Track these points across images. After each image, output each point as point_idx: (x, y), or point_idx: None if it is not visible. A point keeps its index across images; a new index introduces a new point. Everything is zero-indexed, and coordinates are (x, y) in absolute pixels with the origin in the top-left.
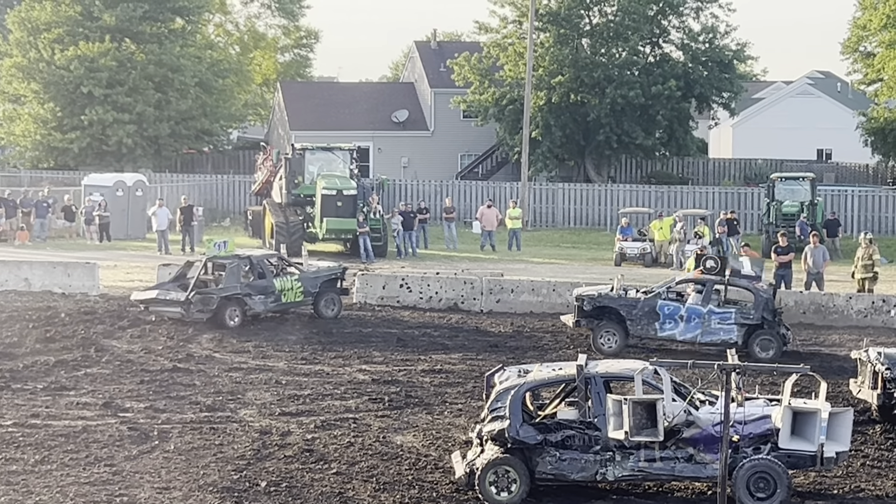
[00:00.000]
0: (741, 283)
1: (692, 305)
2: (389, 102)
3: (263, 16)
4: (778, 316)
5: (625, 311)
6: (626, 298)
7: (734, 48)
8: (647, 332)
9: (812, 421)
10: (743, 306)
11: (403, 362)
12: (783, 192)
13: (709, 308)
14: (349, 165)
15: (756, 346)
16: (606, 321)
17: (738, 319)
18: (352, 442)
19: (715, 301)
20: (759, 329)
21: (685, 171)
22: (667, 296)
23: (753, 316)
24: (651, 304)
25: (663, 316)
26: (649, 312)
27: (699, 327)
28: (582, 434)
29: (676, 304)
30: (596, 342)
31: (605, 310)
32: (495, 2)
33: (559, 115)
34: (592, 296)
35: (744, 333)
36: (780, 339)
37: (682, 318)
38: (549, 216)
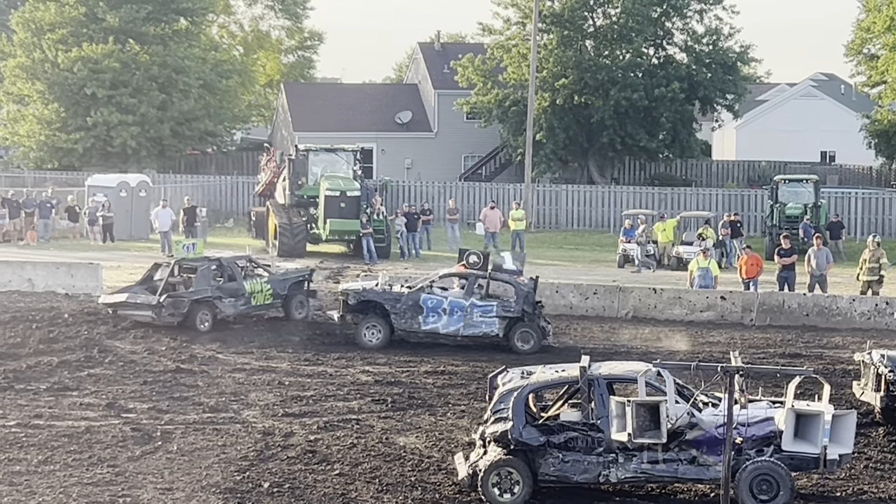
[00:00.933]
0: (502, 277)
1: (455, 299)
2: (393, 104)
3: (267, 17)
4: (538, 309)
5: (389, 306)
6: (389, 293)
7: (738, 50)
8: (412, 325)
9: (815, 423)
10: (505, 300)
11: (406, 363)
12: (786, 195)
13: (471, 301)
14: (353, 167)
15: (516, 339)
16: (370, 315)
17: (500, 312)
18: (355, 443)
19: (477, 294)
20: (520, 322)
21: (689, 173)
22: (430, 290)
23: (514, 309)
24: (415, 298)
25: (427, 309)
26: (413, 306)
27: (462, 320)
28: (585, 436)
29: (439, 298)
30: (359, 337)
31: (369, 304)
32: (499, 3)
33: (563, 116)
34: (357, 290)
35: (504, 326)
36: (539, 331)
37: (446, 312)
38: (553, 218)
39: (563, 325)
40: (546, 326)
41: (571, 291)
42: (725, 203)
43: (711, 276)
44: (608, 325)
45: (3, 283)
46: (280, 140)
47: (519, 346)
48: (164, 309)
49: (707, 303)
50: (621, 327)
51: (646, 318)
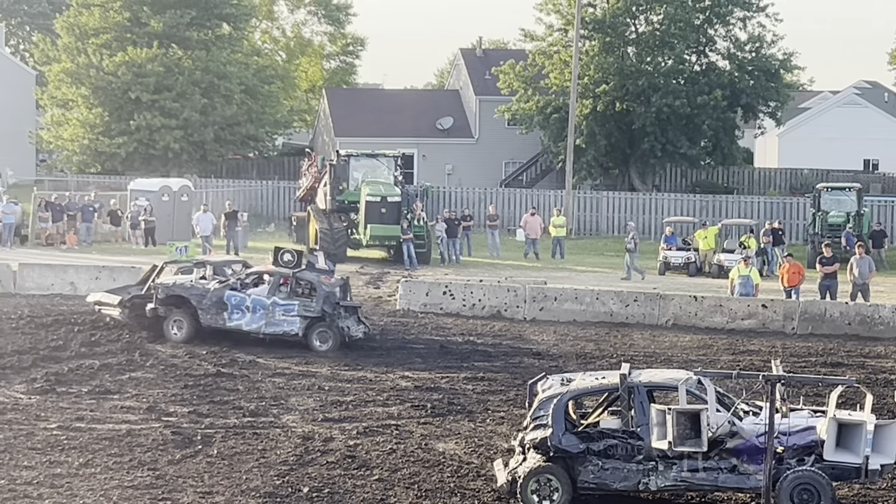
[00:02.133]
0: (307, 275)
1: (257, 297)
2: (434, 110)
3: (310, 23)
4: (338, 309)
5: (195, 301)
6: (196, 287)
7: (780, 58)
8: (217, 321)
9: (857, 433)
10: (307, 300)
11: (446, 369)
12: (829, 203)
13: (273, 300)
14: (393, 172)
15: (314, 338)
16: (178, 309)
17: (301, 312)
18: (394, 448)
19: (283, 294)
20: (320, 321)
21: (730, 180)
22: (237, 286)
23: (314, 309)
24: (219, 295)
25: (231, 306)
26: (217, 302)
27: (263, 318)
28: (625, 443)
29: (242, 295)
30: (165, 330)
31: (178, 298)
32: (541, 9)
33: (604, 123)
34: (167, 284)
35: (305, 326)
36: (338, 331)
37: (248, 309)
38: (593, 225)
39: (603, 332)
40: (346, 327)
41: (612, 298)
42: (767, 211)
43: (752, 284)
44: (648, 333)
45: (46, 287)
46: (321, 145)
47: (316, 346)
48: (129, 310)
49: (748, 311)
50: (661, 335)
51: (686, 325)
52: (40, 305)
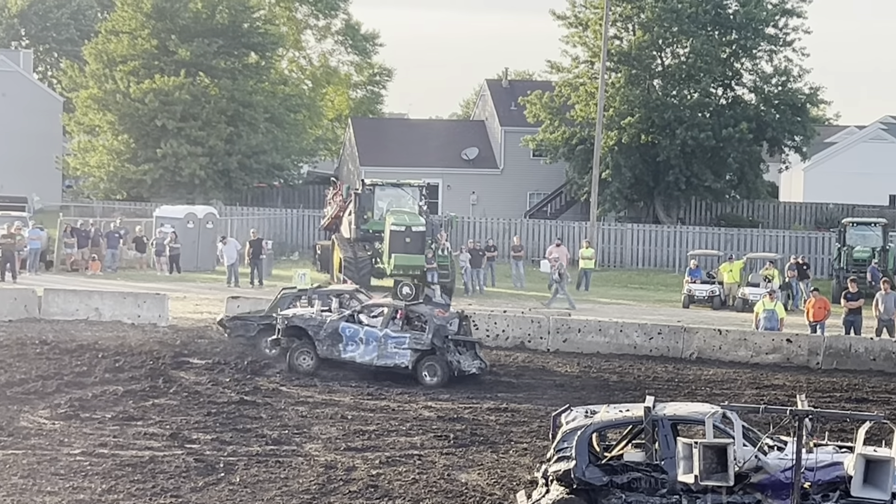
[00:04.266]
0: (419, 308)
1: (370, 329)
2: (459, 140)
3: (337, 52)
4: (448, 342)
5: (312, 332)
6: (314, 319)
7: (807, 92)
8: (332, 353)
9: (885, 469)
10: (419, 332)
11: (469, 400)
12: (854, 238)
13: (385, 332)
14: (418, 202)
15: (423, 371)
16: (300, 340)
17: (412, 345)
18: (416, 479)
19: (395, 326)
20: (430, 354)
21: (755, 214)
22: (352, 318)
23: (425, 342)
24: (335, 326)
25: (346, 338)
26: (333, 334)
27: (376, 350)
28: (648, 476)
29: (357, 327)
30: (291, 360)
31: (298, 329)
32: (567, 42)
33: (629, 155)
34: (288, 315)
35: (415, 359)
36: (446, 365)
37: (362, 341)
38: (618, 257)
39: (627, 364)
40: (459, 361)
41: (636, 331)
42: (792, 245)
43: (777, 319)
44: (672, 366)
45: (71, 312)
46: (346, 174)
47: (425, 379)
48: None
49: (773, 345)
50: (685, 368)
51: (710, 359)
52: (65, 331)
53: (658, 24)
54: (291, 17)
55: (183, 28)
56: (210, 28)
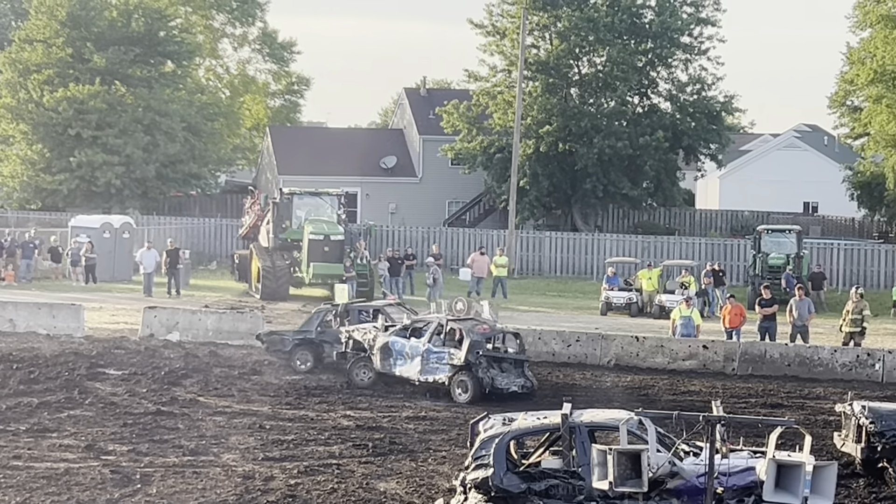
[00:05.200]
0: (458, 323)
1: (414, 344)
2: (378, 149)
3: (254, 61)
4: (480, 359)
5: (367, 346)
6: (370, 333)
7: (722, 100)
8: (385, 367)
9: (796, 474)
10: (457, 348)
11: (388, 408)
12: (769, 245)
13: (427, 347)
14: (337, 211)
15: (455, 387)
16: (362, 355)
17: (449, 360)
18: (335, 488)
19: (438, 341)
20: (464, 370)
21: (672, 221)
22: (402, 333)
23: (459, 357)
24: (385, 341)
25: (395, 352)
26: (384, 348)
27: (419, 365)
28: (566, 483)
29: (404, 342)
30: (351, 375)
31: (357, 344)
32: (485, 50)
33: (547, 163)
34: (350, 330)
35: (451, 374)
36: (476, 382)
37: (408, 356)
38: (536, 264)
39: (545, 371)
40: (493, 377)
41: (554, 338)
42: (708, 252)
43: (694, 325)
44: (590, 373)
45: None
46: (265, 183)
47: (456, 395)
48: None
49: (689, 351)
50: (603, 375)
51: (628, 365)
52: None
53: (575, 33)
54: (208, 26)
55: (98, 36)
56: (126, 36)
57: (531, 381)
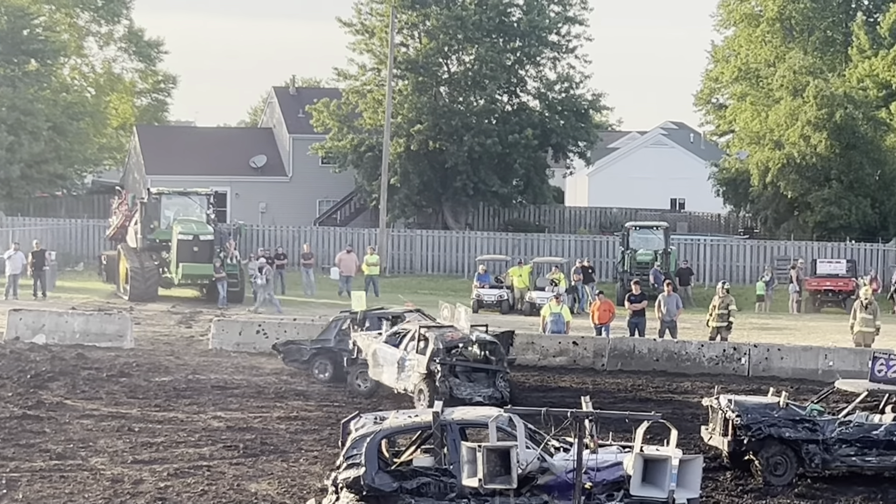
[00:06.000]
0: (428, 331)
1: (392, 352)
2: (247, 148)
3: (120, 59)
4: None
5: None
6: (365, 341)
7: (589, 98)
8: (375, 374)
9: (663, 468)
10: (422, 356)
11: (259, 409)
12: (637, 241)
13: (401, 355)
14: (206, 210)
15: (416, 395)
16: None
17: (416, 367)
18: (205, 490)
19: (412, 348)
20: (426, 379)
21: (542, 218)
22: (389, 341)
23: (422, 365)
24: (374, 349)
25: (381, 360)
26: (373, 356)
27: (396, 373)
28: (437, 481)
29: (386, 349)
30: (351, 382)
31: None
32: (354, 49)
33: (417, 162)
34: (356, 338)
35: (416, 382)
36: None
37: (388, 363)
38: (407, 263)
39: None
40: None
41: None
42: (578, 249)
43: (563, 322)
44: None
45: None
46: (132, 183)
47: (417, 404)
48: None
49: (559, 348)
50: None
51: None
52: None
53: (443, 32)
54: (73, 24)
55: None
56: None
57: (501, 392)
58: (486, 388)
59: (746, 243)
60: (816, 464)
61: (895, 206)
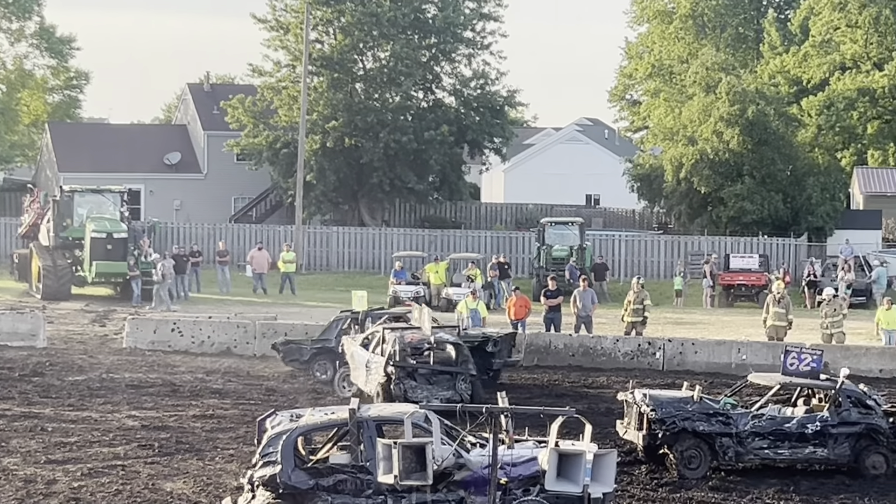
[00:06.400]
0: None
1: (361, 354)
2: (162, 145)
3: (32, 56)
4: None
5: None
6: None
7: (505, 94)
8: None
9: (577, 462)
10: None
11: (174, 408)
12: (553, 237)
13: (369, 357)
14: (119, 208)
15: (374, 398)
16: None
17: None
18: (120, 490)
19: (379, 350)
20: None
21: (458, 215)
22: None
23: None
24: (352, 351)
25: (357, 364)
26: (351, 358)
27: (364, 375)
28: (354, 478)
29: (360, 352)
30: (337, 386)
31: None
32: (269, 45)
33: (333, 158)
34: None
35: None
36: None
37: (360, 365)
38: (324, 260)
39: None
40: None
41: None
42: (494, 245)
43: (480, 318)
44: None
45: None
46: (44, 181)
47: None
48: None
49: None
50: None
51: None
52: None
53: (358, 28)
54: None
55: None
56: None
57: (461, 395)
58: (446, 390)
59: (661, 239)
60: (730, 457)
61: (806, 201)
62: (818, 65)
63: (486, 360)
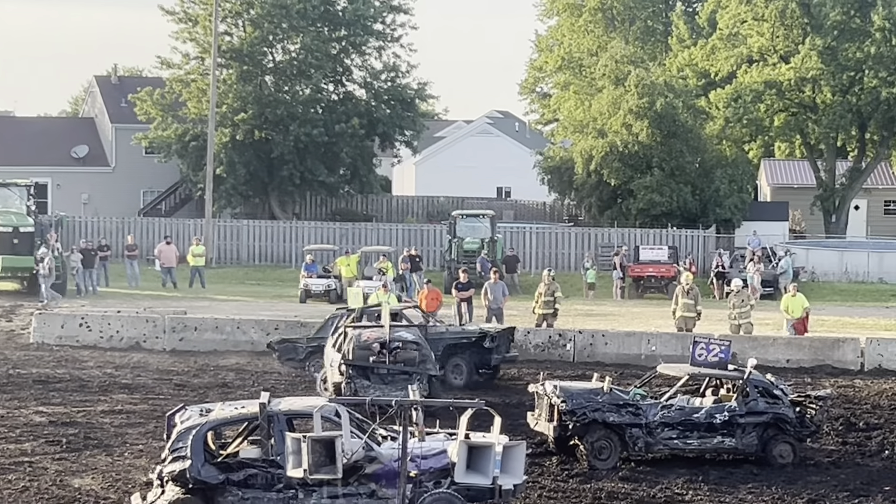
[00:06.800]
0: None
1: (335, 354)
2: (69, 138)
3: None
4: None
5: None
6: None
7: (415, 87)
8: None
9: (486, 455)
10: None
11: (83, 403)
12: (464, 229)
13: (334, 355)
14: (26, 202)
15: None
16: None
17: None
18: (27, 486)
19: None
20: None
21: (369, 208)
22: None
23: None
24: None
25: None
26: (325, 356)
27: (331, 374)
28: (265, 472)
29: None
30: (317, 385)
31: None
32: (177, 37)
33: (243, 151)
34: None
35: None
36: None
37: (329, 364)
38: (234, 253)
39: (245, 361)
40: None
41: (253, 327)
42: (405, 238)
43: None
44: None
45: None
46: None
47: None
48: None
49: None
50: None
51: None
52: None
53: (268, 20)
54: None
55: None
56: None
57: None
58: (401, 390)
59: (571, 231)
60: (640, 447)
61: (714, 193)
62: (726, 58)
63: (484, 355)
